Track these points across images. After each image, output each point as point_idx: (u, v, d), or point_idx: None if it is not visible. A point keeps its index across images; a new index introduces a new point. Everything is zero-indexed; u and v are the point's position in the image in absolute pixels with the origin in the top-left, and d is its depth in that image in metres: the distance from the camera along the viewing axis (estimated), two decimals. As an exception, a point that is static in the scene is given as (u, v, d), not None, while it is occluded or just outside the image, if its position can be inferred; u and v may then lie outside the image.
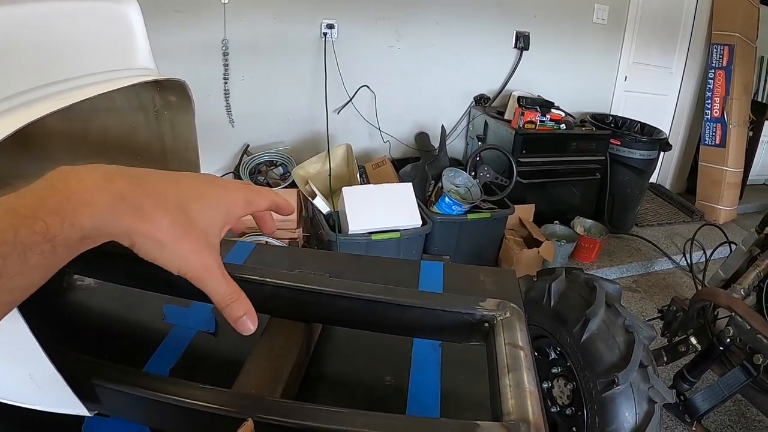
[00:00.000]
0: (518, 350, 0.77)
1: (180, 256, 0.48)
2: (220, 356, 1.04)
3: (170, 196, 0.47)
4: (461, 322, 0.87)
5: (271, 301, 0.94)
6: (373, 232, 3.12)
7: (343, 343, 1.07)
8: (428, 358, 1.02)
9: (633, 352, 1.78)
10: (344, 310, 0.91)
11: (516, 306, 0.86)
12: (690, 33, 5.37)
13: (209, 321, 1.10)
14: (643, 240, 4.56)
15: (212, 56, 3.77)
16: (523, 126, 3.86)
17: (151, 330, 1.09)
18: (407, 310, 0.89)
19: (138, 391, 0.72)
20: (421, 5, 4.13)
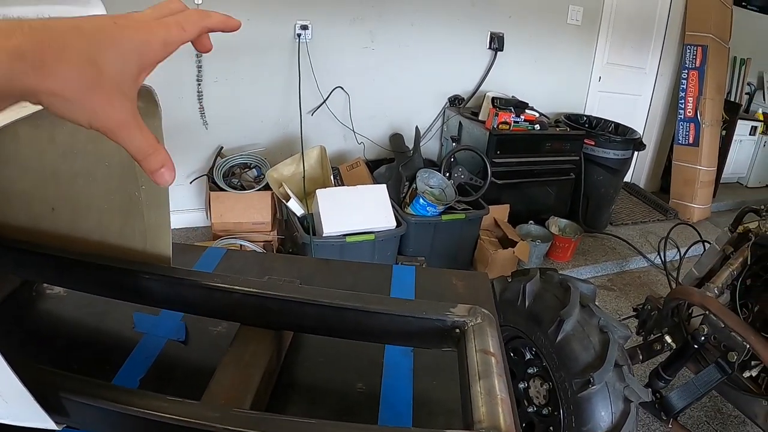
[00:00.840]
0: (489, 356, 0.76)
1: (90, 110, 0.44)
2: (191, 365, 1.02)
3: (75, 47, 0.42)
4: (432, 328, 0.86)
5: (241, 309, 0.93)
6: (348, 234, 3.10)
7: (314, 351, 1.05)
8: (400, 364, 1.01)
9: (608, 351, 1.79)
10: (314, 318, 0.90)
11: (487, 312, 0.85)
12: (664, 34, 5.43)
13: (179, 329, 1.07)
14: (618, 239, 4.60)
15: (185, 58, 3.75)
16: (497, 127, 3.87)
17: (122, 339, 1.06)
18: (377, 316, 0.87)
19: (106, 404, 0.69)
20: (396, 6, 4.12)
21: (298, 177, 3.56)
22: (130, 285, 0.99)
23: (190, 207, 4.10)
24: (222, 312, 0.98)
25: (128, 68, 0.46)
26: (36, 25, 0.41)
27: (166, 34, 0.49)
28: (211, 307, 0.96)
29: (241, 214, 3.63)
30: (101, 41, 0.44)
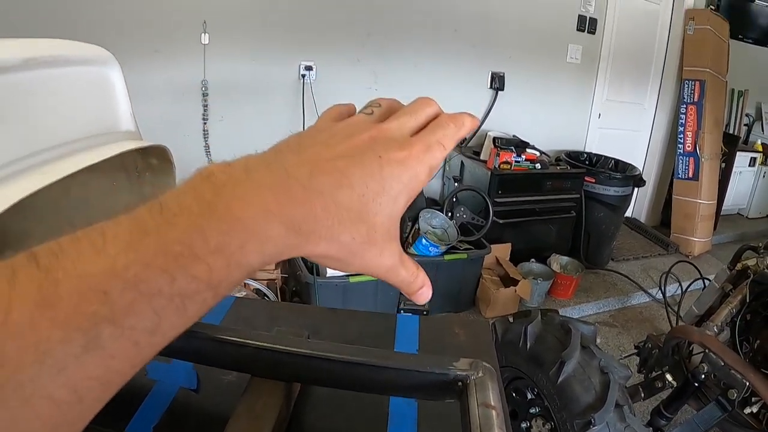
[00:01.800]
0: (490, 410, 0.80)
1: (361, 266, 0.42)
2: (203, 413, 1.05)
3: (346, 207, 0.38)
4: (435, 381, 0.90)
5: (252, 362, 0.97)
6: (351, 275, 3.14)
7: (321, 401, 1.09)
8: (405, 414, 1.05)
9: (608, 392, 1.82)
10: (322, 371, 0.94)
11: (488, 365, 0.89)
12: (662, 69, 5.52)
13: (191, 377, 1.11)
14: (619, 275, 4.63)
15: (192, 96, 3.80)
16: (498, 166, 3.92)
17: (134, 385, 1.10)
18: (383, 371, 0.91)
19: None
20: (398, 48, 4.21)
21: (302, 216, 3.60)
22: None
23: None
24: (234, 364, 1.02)
25: (397, 210, 0.42)
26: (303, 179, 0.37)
27: (432, 160, 0.43)
28: (223, 358, 1.00)
29: (245, 252, 3.66)
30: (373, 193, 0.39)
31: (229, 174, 0.35)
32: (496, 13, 4.45)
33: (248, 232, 0.33)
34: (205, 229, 0.31)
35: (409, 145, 0.42)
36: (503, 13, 4.48)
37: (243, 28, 3.78)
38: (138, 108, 2.49)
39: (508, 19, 4.52)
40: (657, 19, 5.34)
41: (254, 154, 0.39)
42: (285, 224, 0.35)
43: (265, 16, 3.81)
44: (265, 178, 0.36)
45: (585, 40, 4.92)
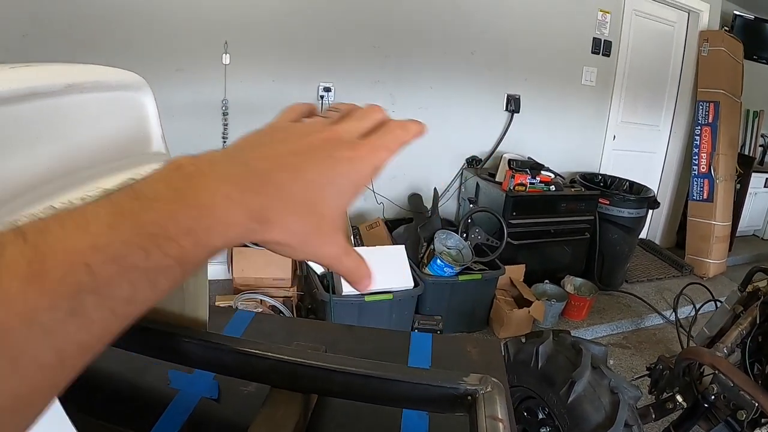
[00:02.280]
0: (497, 422, 0.85)
1: (309, 253, 0.45)
2: (223, 422, 1.11)
3: (298, 197, 0.42)
4: (446, 395, 0.95)
5: (272, 374, 1.03)
6: (367, 294, 3.18)
7: (337, 412, 1.15)
8: (417, 426, 1.10)
9: (618, 412, 1.84)
10: (338, 384, 1.00)
11: (497, 381, 0.95)
12: (676, 91, 5.55)
13: (212, 388, 1.17)
14: (633, 296, 4.63)
15: (212, 115, 3.89)
16: (513, 188, 3.96)
17: (157, 394, 1.16)
18: (396, 384, 0.97)
19: None
20: (415, 70, 4.27)
21: (319, 235, 3.65)
22: (169, 346, 1.10)
23: (212, 260, 4.20)
24: (254, 375, 1.08)
25: (344, 204, 0.46)
26: (259, 170, 0.41)
27: (377, 160, 0.47)
28: (244, 370, 1.06)
29: (262, 269, 3.73)
30: (321, 186, 0.44)
31: (196, 166, 0.39)
32: (512, 37, 4.52)
33: (214, 218, 0.37)
34: (177, 213, 0.36)
35: (358, 147, 0.46)
36: (519, 37, 4.54)
37: (263, 49, 3.87)
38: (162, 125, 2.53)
39: (524, 43, 4.58)
40: (671, 41, 5.39)
41: (218, 149, 0.43)
42: (245, 212, 0.39)
43: (285, 38, 3.90)
44: (228, 170, 0.40)
45: (600, 63, 4.96)
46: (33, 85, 0.81)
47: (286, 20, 3.87)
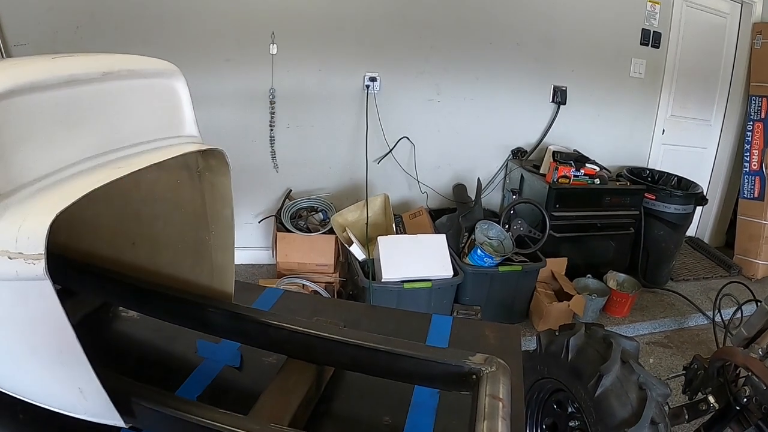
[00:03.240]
0: (497, 401, 0.88)
1: None
2: (242, 388, 1.18)
3: None
4: (451, 373, 0.99)
5: (288, 344, 1.10)
6: (406, 281, 3.22)
7: (351, 386, 1.20)
8: (426, 403, 1.15)
9: (645, 408, 1.81)
10: (350, 356, 1.06)
11: (502, 362, 0.98)
12: (728, 85, 5.38)
13: (235, 357, 1.25)
14: (678, 295, 4.55)
15: (260, 104, 3.98)
16: (557, 180, 3.95)
17: (184, 360, 1.24)
18: (405, 359, 1.02)
19: (169, 411, 0.87)
20: (461, 61, 4.28)
21: (361, 223, 3.71)
22: (196, 316, 1.18)
23: (257, 245, 4.30)
24: (273, 345, 1.14)
25: None
26: None
27: None
28: (264, 340, 1.13)
29: (305, 255, 3.80)
30: None
31: None
32: (559, 28, 4.47)
33: None
34: None
35: None
36: (566, 28, 4.49)
37: (309, 39, 3.94)
38: (210, 113, 2.62)
39: (571, 34, 4.53)
40: (723, 33, 5.22)
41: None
42: None
43: (331, 28, 3.96)
44: None
45: (649, 55, 4.86)
46: (71, 72, 0.91)
47: (332, 10, 3.93)
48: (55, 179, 0.84)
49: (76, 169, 0.89)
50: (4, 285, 0.76)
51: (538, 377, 2.29)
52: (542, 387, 2.32)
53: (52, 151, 0.86)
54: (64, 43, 3.47)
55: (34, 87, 0.82)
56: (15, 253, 0.72)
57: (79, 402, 0.86)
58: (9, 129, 0.77)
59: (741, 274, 5.08)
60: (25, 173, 0.80)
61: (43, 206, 0.76)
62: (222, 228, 1.24)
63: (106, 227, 1.31)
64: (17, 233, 0.73)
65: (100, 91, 0.99)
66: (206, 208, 1.23)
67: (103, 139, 0.99)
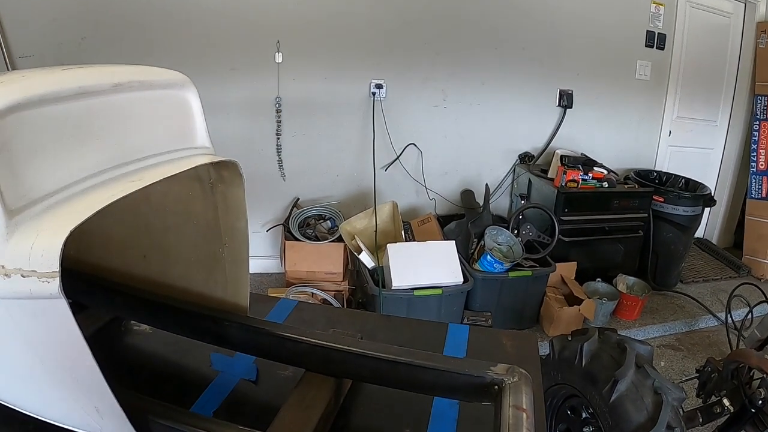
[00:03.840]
0: (521, 412, 0.87)
1: None
2: (259, 402, 1.17)
3: None
4: (473, 384, 0.99)
5: (306, 357, 1.09)
6: (416, 288, 3.22)
7: (370, 398, 1.20)
8: (446, 415, 1.14)
9: (660, 413, 1.81)
10: (370, 369, 1.05)
11: (524, 372, 0.97)
12: (734, 85, 5.37)
13: (251, 370, 1.24)
14: (688, 297, 4.52)
15: (266, 112, 4.00)
16: (565, 184, 3.94)
17: (199, 374, 1.24)
18: (425, 371, 1.01)
19: (186, 429, 0.86)
20: (467, 67, 4.29)
21: (370, 230, 3.71)
22: (211, 329, 1.17)
23: (265, 254, 4.30)
24: (290, 358, 1.14)
25: None
26: None
27: None
28: (281, 353, 1.13)
29: (314, 263, 3.80)
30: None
31: None
32: (564, 32, 4.48)
33: None
34: None
35: None
36: (571, 31, 4.50)
37: (315, 48, 3.95)
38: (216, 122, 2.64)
39: (576, 37, 4.53)
40: (728, 33, 5.21)
41: None
42: None
43: (336, 36, 3.97)
44: None
45: (654, 56, 4.86)
46: (81, 84, 0.90)
47: (338, 19, 3.94)
48: (67, 194, 0.84)
49: (88, 183, 0.89)
50: (17, 303, 0.75)
51: (552, 383, 2.29)
52: (556, 393, 2.31)
53: (63, 165, 0.86)
54: (70, 54, 3.48)
55: (43, 100, 0.82)
56: (28, 271, 0.72)
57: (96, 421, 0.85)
58: (19, 143, 0.77)
59: (750, 275, 5.06)
60: (36, 188, 0.79)
61: (55, 223, 0.75)
62: (236, 241, 1.24)
63: (116, 240, 1.30)
64: (30, 251, 0.72)
65: (111, 103, 0.99)
66: (219, 221, 1.23)
67: (115, 152, 0.98)
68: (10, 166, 0.75)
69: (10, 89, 0.77)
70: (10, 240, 0.73)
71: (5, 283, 0.72)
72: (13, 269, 0.72)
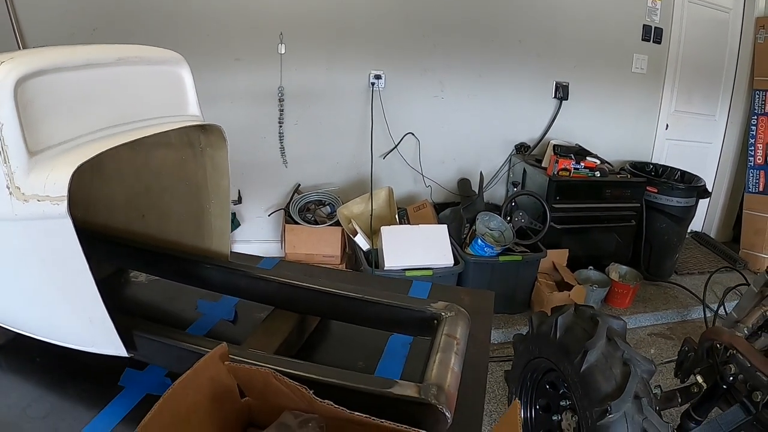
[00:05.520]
0: (452, 339, 0.99)
1: None
2: (234, 336, 1.32)
3: None
4: (414, 318, 1.13)
5: (274, 296, 1.24)
6: (407, 269, 3.32)
7: (333, 336, 1.36)
8: (398, 351, 1.27)
9: (628, 383, 1.86)
10: (326, 304, 1.22)
11: (462, 309, 1.09)
12: (732, 80, 5.40)
13: (230, 312, 1.40)
14: (681, 288, 4.59)
15: (269, 101, 4.11)
16: (557, 173, 4.03)
17: (185, 317, 1.41)
18: (375, 306, 1.15)
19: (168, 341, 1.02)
20: (464, 58, 4.39)
21: (366, 215, 3.83)
22: (198, 274, 1.36)
23: (267, 238, 4.42)
24: (262, 297, 1.30)
25: None
26: None
27: None
28: (255, 292, 1.30)
29: (313, 246, 3.92)
30: None
31: None
32: (561, 24, 4.56)
33: None
34: None
35: None
36: (568, 24, 4.58)
37: (317, 39, 4.06)
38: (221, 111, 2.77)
39: (573, 30, 4.61)
40: (726, 28, 5.25)
41: None
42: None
43: (337, 28, 4.09)
44: None
45: (650, 50, 4.92)
46: (89, 57, 1.10)
47: (339, 11, 4.05)
48: (75, 143, 1.00)
49: (93, 137, 1.06)
50: (32, 224, 0.92)
51: (531, 357, 2.37)
52: (535, 368, 2.38)
53: (73, 121, 1.03)
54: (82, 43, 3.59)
55: (59, 68, 1.00)
56: (43, 196, 0.89)
57: (88, 332, 0.99)
58: (39, 101, 0.94)
59: (747, 269, 5.10)
60: (51, 137, 0.96)
61: (66, 161, 0.92)
62: (220, 197, 1.40)
63: (118, 202, 1.48)
64: (45, 180, 0.89)
65: (114, 74, 1.16)
66: (207, 180, 1.39)
67: (116, 114, 1.15)
68: (32, 118, 0.92)
69: (34, 58, 0.95)
70: (30, 174, 0.90)
71: (24, 207, 0.90)
72: (30, 195, 0.89)
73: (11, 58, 0.91)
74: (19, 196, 0.90)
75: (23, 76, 0.89)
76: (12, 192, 0.90)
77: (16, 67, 0.89)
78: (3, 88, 0.86)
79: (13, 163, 0.89)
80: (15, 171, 0.89)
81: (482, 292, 1.54)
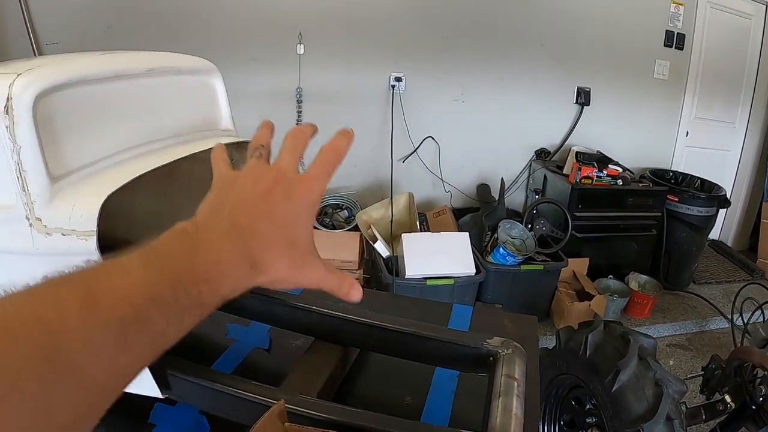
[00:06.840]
0: (512, 380, 0.93)
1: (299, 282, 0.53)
2: (271, 367, 1.25)
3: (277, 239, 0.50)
4: (470, 355, 1.05)
5: (315, 326, 1.17)
6: (429, 278, 3.28)
7: (375, 368, 1.27)
8: (445, 386, 1.20)
9: (660, 404, 1.83)
10: (375, 338, 1.13)
11: (519, 345, 1.03)
12: (753, 87, 5.33)
13: (264, 339, 1.32)
14: (699, 298, 4.53)
15: (287, 102, 4.06)
16: (579, 181, 3.98)
17: (215, 343, 1.31)
18: (427, 341, 1.08)
19: (203, 383, 0.94)
20: (485, 61, 4.33)
21: (386, 221, 3.78)
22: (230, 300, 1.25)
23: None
24: (301, 327, 1.21)
25: (310, 230, 0.55)
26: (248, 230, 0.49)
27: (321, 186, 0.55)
28: (292, 322, 1.21)
29: (330, 251, 3.86)
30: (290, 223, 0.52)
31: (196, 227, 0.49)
32: (583, 29, 4.50)
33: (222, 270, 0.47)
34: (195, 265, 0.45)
35: (304, 180, 0.54)
36: (590, 29, 4.52)
37: (336, 40, 4.01)
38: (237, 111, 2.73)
39: (595, 35, 4.55)
40: (748, 35, 5.18)
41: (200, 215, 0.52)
42: (244, 261, 0.48)
43: (357, 29, 4.03)
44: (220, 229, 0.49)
45: (673, 56, 4.86)
46: (117, 68, 1.00)
47: (358, 12, 4.00)
48: (102, 165, 0.92)
49: (121, 157, 0.98)
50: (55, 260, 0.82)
51: (557, 373, 2.32)
52: (561, 383, 2.34)
53: (99, 139, 0.94)
54: (95, 42, 3.55)
55: (83, 81, 0.90)
56: (68, 230, 0.80)
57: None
58: (61, 118, 0.85)
59: (765, 278, 5.04)
60: (75, 159, 0.87)
61: (93, 189, 0.84)
62: None
63: (139, 218, 1.40)
64: (71, 212, 0.80)
65: (144, 86, 1.08)
66: None
67: (146, 130, 1.07)
68: (53, 138, 0.83)
69: (55, 70, 0.85)
70: (51, 203, 0.81)
71: (46, 241, 0.81)
72: (53, 228, 0.80)
73: (29, 69, 0.81)
74: (40, 229, 0.81)
75: (43, 91, 0.80)
76: (32, 224, 0.80)
77: (34, 81, 0.79)
78: (20, 106, 0.77)
79: (33, 191, 0.79)
80: (35, 200, 0.80)
81: (525, 318, 1.48)
